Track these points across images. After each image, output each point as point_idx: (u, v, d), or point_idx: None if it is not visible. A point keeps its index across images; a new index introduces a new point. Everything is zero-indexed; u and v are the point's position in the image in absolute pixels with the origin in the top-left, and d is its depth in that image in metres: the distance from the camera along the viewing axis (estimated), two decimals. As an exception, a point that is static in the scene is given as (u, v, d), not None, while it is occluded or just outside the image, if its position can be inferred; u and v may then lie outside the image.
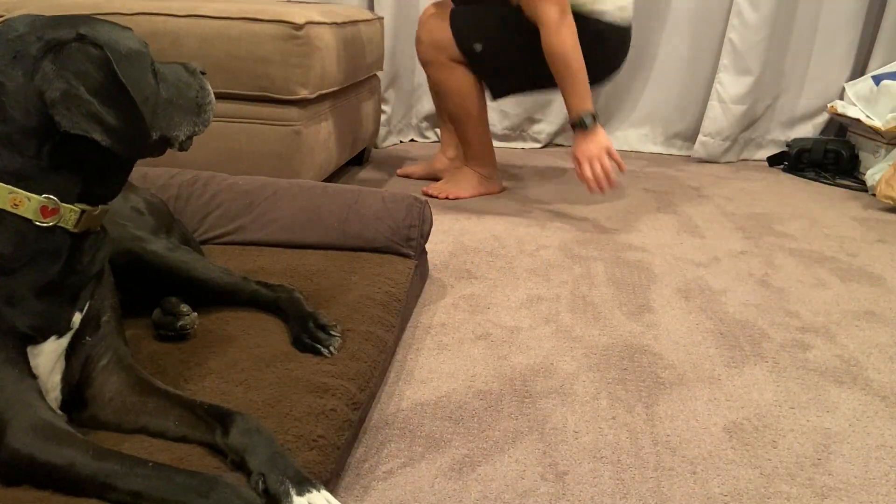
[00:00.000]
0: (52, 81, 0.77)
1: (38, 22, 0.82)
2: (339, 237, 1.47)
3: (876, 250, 2.02)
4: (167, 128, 0.89)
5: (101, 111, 0.78)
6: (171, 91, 0.90)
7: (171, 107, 0.90)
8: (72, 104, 0.77)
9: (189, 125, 0.92)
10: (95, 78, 0.79)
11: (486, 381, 1.24)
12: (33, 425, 0.76)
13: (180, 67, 0.94)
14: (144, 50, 0.87)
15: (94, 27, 0.83)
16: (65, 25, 0.81)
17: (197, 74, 0.95)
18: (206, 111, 0.94)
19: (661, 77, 3.20)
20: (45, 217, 0.80)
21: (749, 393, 1.24)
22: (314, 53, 1.91)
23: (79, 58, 0.79)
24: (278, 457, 0.80)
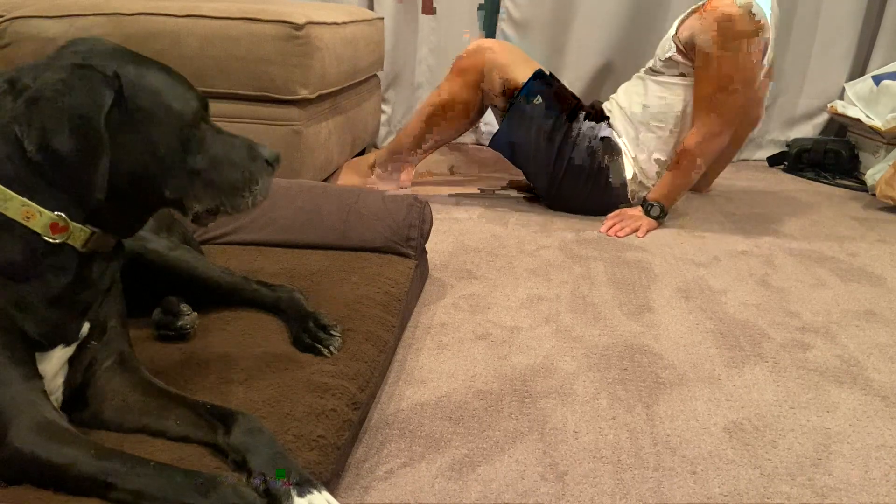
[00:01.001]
0: (40, 89, 0.78)
1: (95, 48, 0.84)
2: (339, 237, 1.47)
3: (876, 250, 2.02)
4: (184, 194, 0.87)
5: (57, 132, 0.77)
6: (207, 163, 0.87)
7: (197, 178, 0.87)
8: (35, 112, 0.77)
9: (212, 201, 0.89)
10: (83, 106, 0.78)
11: (486, 381, 1.24)
12: (36, 424, 0.76)
13: (244, 146, 0.91)
14: (184, 111, 0.84)
15: (141, 73, 0.83)
16: (114, 59, 0.83)
17: (259, 161, 0.91)
18: (241, 196, 0.90)
19: (661, 77, 3.20)
20: (55, 233, 0.81)
21: (749, 393, 1.24)
22: (314, 53, 1.91)
23: (85, 83, 0.79)
24: (279, 457, 0.80)
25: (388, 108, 3.13)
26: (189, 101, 0.86)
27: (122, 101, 0.81)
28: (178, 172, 0.86)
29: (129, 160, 0.82)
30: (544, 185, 2.25)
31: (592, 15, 3.08)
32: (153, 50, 1.91)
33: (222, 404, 0.88)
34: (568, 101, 2.19)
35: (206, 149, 0.87)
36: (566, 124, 2.15)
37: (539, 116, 2.15)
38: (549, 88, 2.18)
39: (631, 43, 3.12)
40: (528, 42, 3.09)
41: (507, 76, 2.18)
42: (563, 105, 2.17)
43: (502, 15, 3.12)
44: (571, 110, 2.17)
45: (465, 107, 2.24)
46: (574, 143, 2.14)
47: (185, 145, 0.85)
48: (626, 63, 3.15)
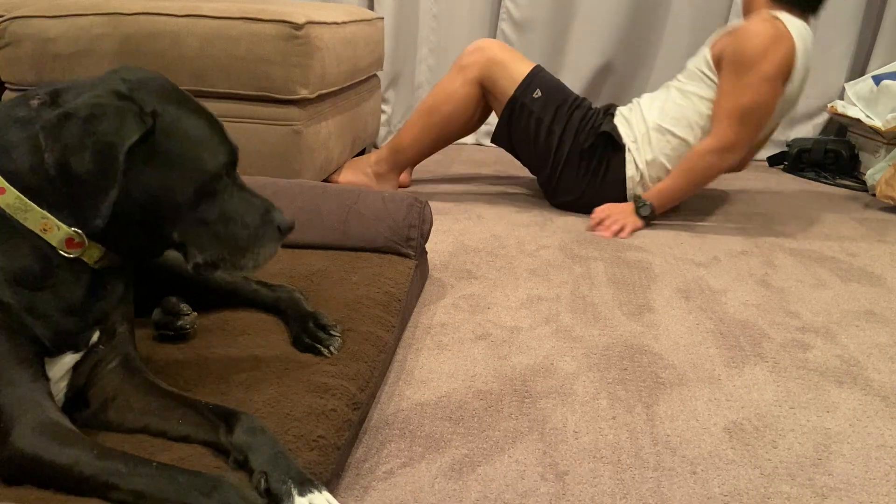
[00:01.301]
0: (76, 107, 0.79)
1: (145, 80, 0.85)
2: (339, 237, 1.47)
3: (876, 250, 2.02)
4: (189, 241, 0.88)
5: (78, 152, 0.78)
6: (217, 216, 0.88)
7: (205, 228, 0.87)
8: (64, 128, 0.78)
9: (214, 254, 0.89)
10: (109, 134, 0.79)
11: (486, 381, 1.24)
12: (39, 424, 0.76)
13: (260, 208, 0.90)
14: (209, 163, 0.85)
15: (180, 116, 0.84)
16: (158, 97, 0.84)
17: (270, 227, 0.90)
18: (244, 256, 0.90)
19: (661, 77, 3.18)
20: (70, 248, 0.83)
21: (749, 393, 1.24)
22: (314, 53, 1.92)
23: (118, 113, 0.80)
24: (281, 457, 0.81)
25: (388, 108, 3.13)
26: (217, 155, 0.87)
27: (152, 139, 0.82)
28: (188, 219, 0.87)
29: (144, 195, 0.83)
30: (544, 178, 2.27)
31: (592, 15, 3.09)
32: (153, 50, 1.92)
33: (222, 404, 0.88)
34: (567, 95, 2.23)
35: (220, 202, 0.88)
36: (566, 117, 2.17)
37: (539, 109, 2.18)
38: (548, 82, 2.22)
39: (631, 43, 3.12)
40: (528, 42, 3.09)
41: (507, 71, 2.21)
42: (562, 98, 2.20)
43: (502, 15, 3.12)
44: (571, 103, 2.20)
45: (465, 103, 2.25)
46: (574, 135, 2.17)
47: (201, 195, 0.86)
48: (626, 63, 3.16)
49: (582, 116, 2.19)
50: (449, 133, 2.33)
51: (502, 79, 2.21)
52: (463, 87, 2.24)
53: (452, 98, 2.25)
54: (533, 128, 2.20)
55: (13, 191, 0.80)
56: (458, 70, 2.26)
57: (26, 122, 0.81)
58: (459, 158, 2.91)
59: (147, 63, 1.92)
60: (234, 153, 0.90)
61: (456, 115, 2.27)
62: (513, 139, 2.27)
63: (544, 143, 2.20)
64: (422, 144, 2.32)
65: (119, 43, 1.92)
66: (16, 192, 0.80)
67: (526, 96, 2.19)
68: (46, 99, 0.82)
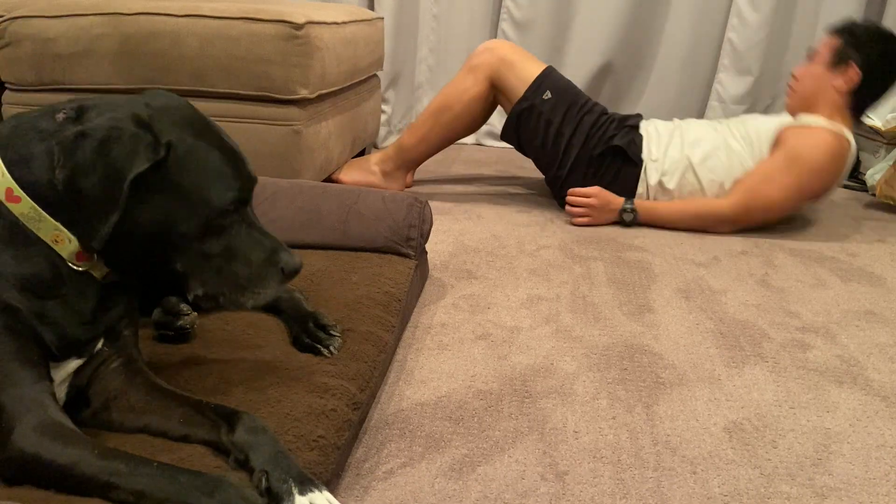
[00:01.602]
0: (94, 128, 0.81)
1: (170, 108, 0.86)
2: (339, 237, 1.47)
3: (876, 250, 2.02)
4: (190, 273, 0.88)
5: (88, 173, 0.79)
6: (220, 251, 0.88)
7: (206, 262, 0.88)
8: (78, 147, 0.79)
9: (214, 289, 0.89)
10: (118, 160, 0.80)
11: (486, 381, 1.24)
12: (41, 424, 0.76)
13: (267, 249, 0.90)
14: (217, 200, 0.85)
15: (195, 149, 0.85)
16: (178, 127, 0.85)
17: (274, 268, 0.90)
18: (242, 294, 0.90)
19: (661, 77, 3.20)
20: (79, 261, 0.84)
21: (749, 393, 1.24)
22: (314, 53, 1.91)
23: (132, 140, 0.81)
24: (282, 456, 0.81)
25: (388, 108, 3.13)
26: (227, 191, 0.86)
27: (163, 170, 0.83)
28: (191, 250, 0.87)
29: (149, 223, 0.84)
30: (551, 177, 2.28)
31: (592, 15, 3.09)
32: (153, 50, 1.91)
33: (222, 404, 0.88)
34: (578, 98, 2.22)
35: (226, 238, 0.88)
36: (576, 120, 2.17)
37: (548, 111, 2.18)
38: (559, 84, 2.22)
39: (631, 43, 3.12)
40: (528, 42, 3.09)
41: (518, 71, 2.21)
42: (573, 101, 2.19)
43: (503, 15, 3.12)
44: (581, 106, 2.19)
45: (475, 104, 2.26)
46: (584, 140, 2.16)
47: (206, 229, 0.86)
48: (626, 63, 3.16)
49: (593, 122, 2.18)
50: (457, 132, 2.33)
51: (512, 79, 2.21)
52: (474, 87, 2.24)
53: (463, 98, 2.25)
54: (542, 129, 2.19)
55: (28, 201, 0.82)
56: (468, 70, 2.26)
57: (48, 135, 0.83)
58: (459, 158, 2.91)
59: (147, 63, 1.92)
60: (247, 190, 0.90)
61: (465, 115, 2.28)
62: (521, 139, 2.27)
63: (552, 145, 2.19)
64: (429, 143, 2.32)
65: (119, 43, 1.91)
66: (31, 202, 0.82)
67: (536, 97, 2.19)
68: (72, 114, 0.84)
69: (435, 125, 2.29)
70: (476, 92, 2.24)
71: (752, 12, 2.95)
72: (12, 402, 0.77)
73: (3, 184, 0.82)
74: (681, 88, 3.19)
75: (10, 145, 0.83)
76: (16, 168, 0.82)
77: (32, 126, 0.84)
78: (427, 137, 2.31)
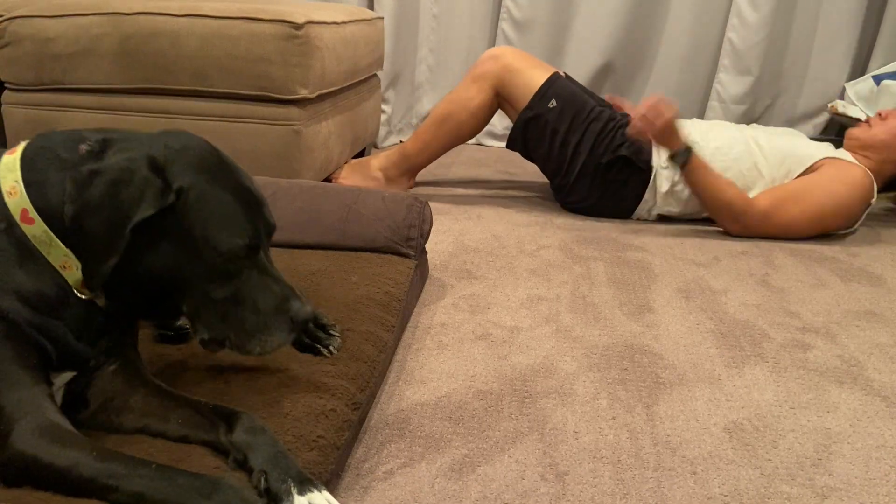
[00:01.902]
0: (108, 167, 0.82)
1: (188, 149, 0.86)
2: (338, 237, 1.46)
3: (876, 250, 2.02)
4: (196, 316, 0.88)
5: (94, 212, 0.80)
6: (228, 297, 0.87)
7: (213, 306, 0.87)
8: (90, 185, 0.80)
9: (220, 333, 0.89)
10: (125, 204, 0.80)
11: (486, 381, 1.24)
12: (39, 427, 0.76)
13: (278, 297, 0.88)
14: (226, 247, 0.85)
15: (207, 194, 0.85)
16: (193, 170, 0.85)
17: (283, 316, 0.88)
18: (249, 341, 0.88)
19: (661, 77, 3.20)
20: (83, 288, 0.85)
21: (749, 393, 1.24)
22: (314, 53, 1.91)
23: (141, 185, 0.81)
24: (281, 456, 0.81)
25: (388, 108, 3.13)
26: (236, 237, 0.85)
27: (171, 216, 0.83)
28: (197, 295, 0.87)
29: (155, 266, 0.84)
30: (556, 184, 2.28)
31: (592, 15, 3.09)
32: (153, 49, 1.91)
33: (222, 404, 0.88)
34: (585, 104, 2.19)
35: (234, 284, 0.87)
36: (583, 128, 2.15)
37: (554, 119, 2.16)
38: (565, 92, 2.19)
39: (631, 43, 3.12)
40: (528, 42, 3.09)
41: (523, 79, 2.20)
42: (579, 108, 2.17)
43: (503, 15, 3.12)
44: (588, 114, 2.16)
45: (480, 112, 2.26)
46: (590, 148, 2.14)
47: (214, 275, 0.86)
48: (626, 63, 3.16)
49: (600, 129, 2.15)
50: (461, 139, 2.33)
51: (517, 87, 2.20)
52: (479, 96, 2.23)
53: (468, 107, 2.25)
54: (548, 137, 2.18)
55: (41, 224, 0.83)
56: (472, 79, 2.26)
57: (68, 165, 0.84)
58: (459, 158, 2.91)
59: (147, 63, 1.92)
60: (259, 236, 0.89)
61: (469, 123, 2.28)
62: (528, 147, 2.27)
63: (559, 154, 2.18)
64: (432, 150, 2.33)
65: (119, 43, 1.91)
66: (44, 225, 0.83)
67: (541, 106, 2.17)
68: (96, 147, 0.85)
69: (438, 133, 2.29)
70: (480, 101, 2.23)
71: (752, 12, 2.94)
72: (11, 405, 0.77)
73: (20, 204, 0.83)
74: (681, 88, 3.19)
75: (32, 168, 0.85)
76: (34, 191, 0.83)
77: (55, 153, 0.85)
78: (431, 145, 2.31)
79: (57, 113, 2.01)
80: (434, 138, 2.30)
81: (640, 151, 2.12)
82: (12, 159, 0.86)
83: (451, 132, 2.29)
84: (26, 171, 0.84)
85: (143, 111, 1.99)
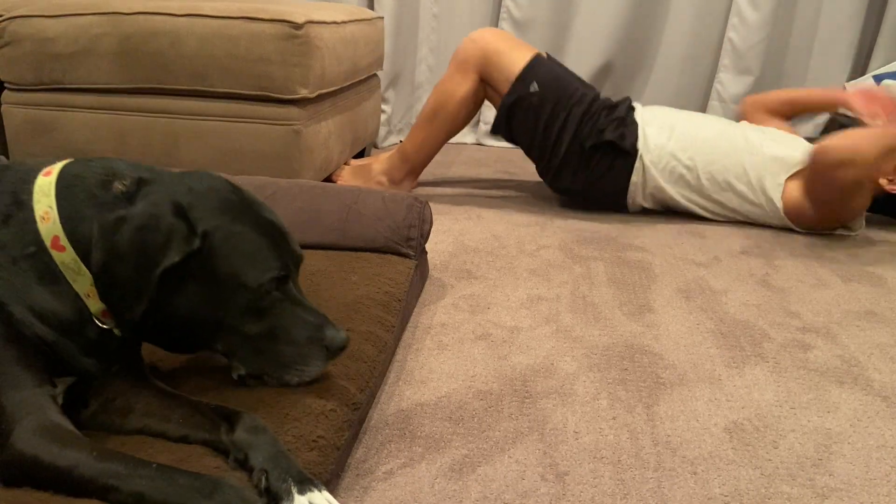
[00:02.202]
0: (133, 215, 0.83)
1: (212, 191, 0.88)
2: (338, 237, 1.46)
3: (876, 250, 2.02)
4: (232, 354, 0.90)
5: (121, 259, 0.82)
6: (263, 332, 0.89)
7: (248, 342, 0.89)
8: (116, 232, 0.82)
9: (257, 368, 0.91)
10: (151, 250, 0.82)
11: (487, 381, 1.24)
12: (39, 427, 0.76)
13: (311, 326, 0.91)
14: (255, 282, 0.86)
15: (233, 233, 0.86)
16: (218, 212, 0.86)
17: (317, 346, 0.91)
18: (287, 372, 0.91)
19: (661, 77, 3.20)
20: (105, 317, 0.86)
21: (750, 393, 1.24)
22: (314, 53, 1.91)
23: (166, 231, 0.83)
24: (282, 456, 0.81)
25: (388, 108, 3.13)
26: (265, 272, 0.87)
27: (199, 259, 0.84)
28: (232, 333, 0.88)
29: (186, 308, 0.86)
30: (543, 168, 2.26)
31: (592, 14, 3.09)
32: (152, 49, 1.91)
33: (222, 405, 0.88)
34: (567, 87, 2.17)
35: (267, 319, 0.89)
36: (565, 111, 2.13)
37: (536, 103, 2.15)
38: (546, 75, 2.17)
39: (631, 42, 3.12)
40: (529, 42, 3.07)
41: (505, 62, 2.17)
42: (561, 91, 2.15)
43: (503, 14, 3.12)
44: (570, 97, 2.15)
45: (466, 100, 2.24)
46: (574, 133, 2.13)
47: (245, 311, 0.87)
48: (626, 63, 3.16)
49: (583, 112, 2.14)
50: (454, 129, 2.32)
51: (499, 70, 2.18)
52: (463, 85, 2.22)
53: (454, 97, 2.24)
54: (531, 121, 2.17)
55: (72, 252, 0.84)
56: (455, 66, 2.24)
57: (100, 204, 0.85)
58: (459, 158, 2.91)
59: (147, 62, 1.92)
60: (288, 267, 0.90)
61: (460, 112, 2.26)
62: (512, 132, 2.25)
63: (542, 138, 2.17)
64: (430, 146, 2.32)
65: (119, 42, 1.91)
66: (74, 254, 0.84)
67: (523, 90, 2.15)
68: (131, 189, 0.86)
69: (432, 128, 2.29)
70: (466, 89, 2.22)
71: (752, 12, 2.95)
72: (12, 405, 0.77)
73: (53, 231, 0.84)
74: (681, 88, 3.19)
75: (67, 197, 0.86)
76: (66, 220, 0.84)
77: (90, 188, 0.86)
78: (427, 141, 2.30)
79: (57, 113, 2.01)
80: (429, 134, 2.29)
81: (624, 136, 2.11)
82: (47, 183, 0.87)
83: (443, 125, 2.27)
84: (61, 199, 0.85)
85: (143, 111, 1.99)
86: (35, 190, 0.86)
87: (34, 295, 0.83)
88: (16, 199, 0.86)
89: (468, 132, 3.17)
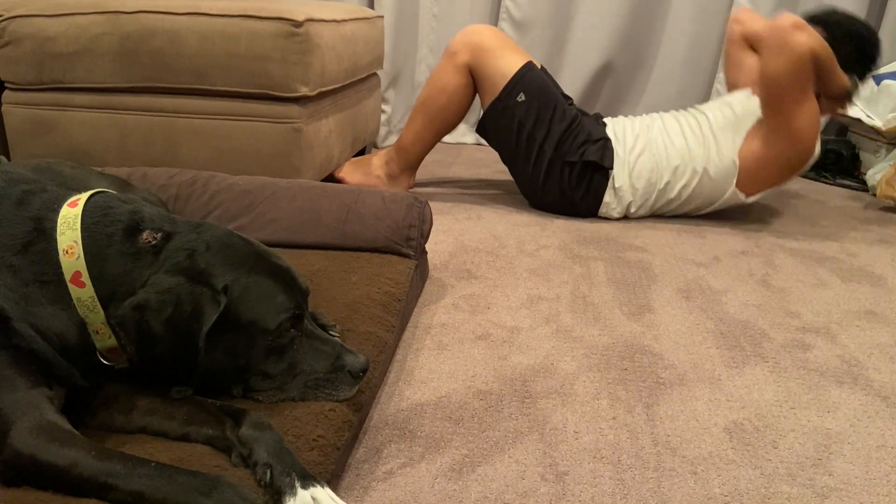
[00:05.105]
0: (147, 299, 0.84)
1: (224, 246, 0.90)
2: (338, 237, 1.46)
3: (876, 250, 2.02)
4: (252, 391, 0.92)
5: (160, 341, 0.83)
6: (283, 369, 0.91)
7: (269, 380, 0.92)
8: (140, 320, 0.83)
9: (276, 395, 0.92)
10: (187, 322, 0.83)
11: (486, 381, 1.24)
12: (37, 426, 0.76)
13: (330, 356, 0.94)
14: (274, 323, 0.88)
15: (250, 284, 0.88)
16: (233, 267, 0.88)
17: (341, 373, 0.94)
18: (306, 393, 0.93)
19: (661, 77, 3.20)
20: (111, 356, 0.88)
21: (749, 393, 1.24)
22: (314, 51, 1.91)
23: (193, 300, 0.84)
24: (286, 452, 0.81)
25: (388, 108, 3.13)
26: (281, 312, 0.90)
27: (224, 311, 0.86)
28: (256, 374, 0.91)
29: (215, 358, 0.87)
30: (527, 182, 2.26)
31: (592, 15, 3.08)
32: (152, 48, 1.91)
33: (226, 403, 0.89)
34: (552, 101, 2.17)
35: (288, 356, 0.92)
36: (547, 125, 2.14)
37: (521, 114, 2.15)
38: (534, 86, 2.17)
39: (631, 42, 3.12)
40: (528, 42, 3.09)
41: (496, 64, 2.18)
42: (545, 104, 2.16)
43: (502, 14, 3.12)
44: (553, 111, 2.15)
45: (458, 92, 2.24)
46: (555, 147, 2.14)
47: (267, 353, 0.90)
48: (626, 63, 3.16)
49: (565, 128, 2.14)
50: (449, 122, 2.31)
51: (489, 72, 2.18)
52: (454, 78, 2.22)
53: (446, 89, 2.23)
54: (515, 130, 2.17)
55: (91, 291, 0.84)
56: (447, 58, 2.24)
57: (125, 253, 0.86)
58: (459, 158, 2.91)
59: (147, 61, 1.91)
60: (300, 305, 0.93)
61: (451, 105, 2.26)
62: (496, 137, 2.26)
63: (525, 149, 2.18)
64: (425, 139, 2.31)
65: (119, 41, 1.91)
66: (93, 292, 0.84)
67: (510, 98, 2.16)
68: (159, 242, 0.87)
69: (425, 120, 2.28)
70: (457, 82, 2.22)
71: (752, 12, 2.94)
72: (9, 405, 0.77)
73: (76, 266, 0.84)
74: (681, 88, 3.19)
75: (93, 235, 0.86)
76: (91, 259, 0.85)
77: (115, 233, 0.87)
78: (421, 134, 2.30)
79: (57, 112, 2.01)
80: (422, 127, 2.29)
81: (604, 156, 2.12)
82: (73, 215, 0.87)
83: (435, 118, 2.27)
84: (86, 234, 0.86)
85: (144, 110, 1.98)
86: (59, 221, 0.86)
87: (40, 314, 0.83)
88: (38, 226, 0.86)
89: (468, 132, 3.17)
